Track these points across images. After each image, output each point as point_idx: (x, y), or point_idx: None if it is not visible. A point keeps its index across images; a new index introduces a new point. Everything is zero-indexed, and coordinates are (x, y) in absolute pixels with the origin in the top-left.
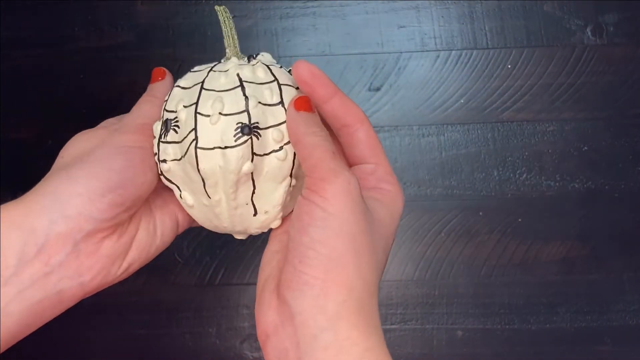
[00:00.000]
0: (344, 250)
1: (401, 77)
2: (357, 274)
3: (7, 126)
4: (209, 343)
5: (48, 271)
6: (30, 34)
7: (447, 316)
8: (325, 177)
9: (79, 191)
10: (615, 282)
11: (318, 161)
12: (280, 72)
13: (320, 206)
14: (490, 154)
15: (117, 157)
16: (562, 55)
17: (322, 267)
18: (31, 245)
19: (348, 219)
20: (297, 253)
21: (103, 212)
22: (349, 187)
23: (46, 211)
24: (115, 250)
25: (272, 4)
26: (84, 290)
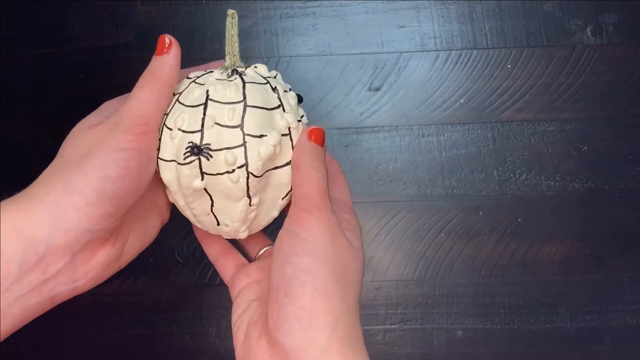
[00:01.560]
0: (326, 277)
1: (401, 77)
2: (341, 301)
3: (7, 126)
4: (209, 343)
5: (45, 278)
6: (30, 34)
7: (447, 316)
8: (308, 209)
9: (77, 204)
10: (615, 282)
11: (307, 193)
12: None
13: (301, 236)
14: (490, 154)
15: (113, 165)
16: (562, 55)
17: (307, 296)
18: (31, 255)
19: (327, 248)
20: (281, 286)
21: (99, 224)
22: (330, 222)
23: (46, 222)
24: (109, 256)
25: (272, 4)
26: (75, 292)
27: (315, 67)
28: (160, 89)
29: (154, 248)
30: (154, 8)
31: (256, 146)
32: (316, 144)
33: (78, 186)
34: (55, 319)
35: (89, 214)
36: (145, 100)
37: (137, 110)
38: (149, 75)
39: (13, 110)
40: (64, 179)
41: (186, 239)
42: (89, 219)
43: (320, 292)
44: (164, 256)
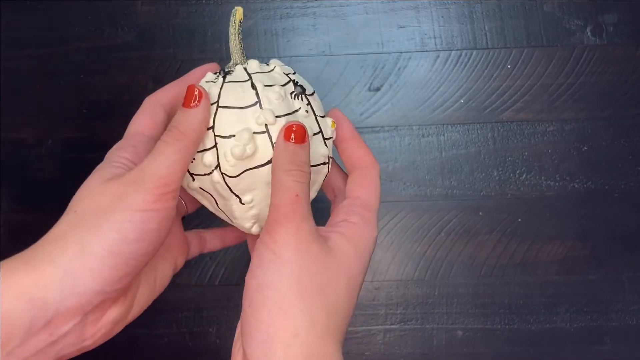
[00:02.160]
0: (287, 292)
1: (401, 77)
2: (303, 316)
3: (7, 126)
4: (209, 343)
5: (52, 341)
6: (30, 34)
7: (447, 316)
8: (278, 219)
9: (92, 267)
10: (615, 282)
11: (278, 203)
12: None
13: (269, 248)
14: (490, 154)
15: (131, 227)
16: (562, 55)
17: (266, 310)
18: (40, 319)
19: (293, 262)
20: (247, 297)
21: (113, 285)
22: (298, 230)
23: (58, 286)
24: (119, 314)
25: (272, 4)
26: (82, 351)
27: (315, 67)
28: (187, 147)
29: None
30: (154, 8)
31: (226, 147)
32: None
33: (94, 248)
34: None
35: (104, 276)
36: (170, 160)
37: (160, 171)
38: (176, 131)
39: (13, 110)
40: (79, 238)
41: None
42: (103, 281)
43: (278, 307)
44: None
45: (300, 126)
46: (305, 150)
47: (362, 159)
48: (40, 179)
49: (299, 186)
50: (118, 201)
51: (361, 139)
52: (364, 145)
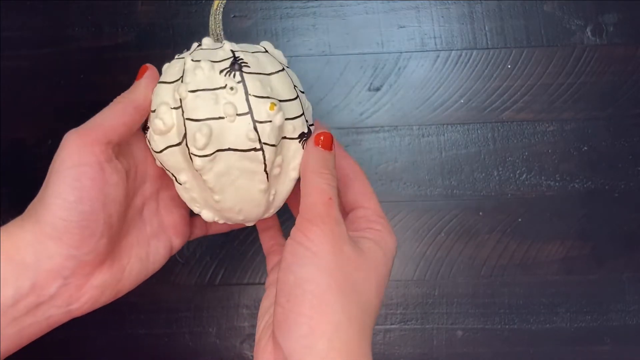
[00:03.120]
0: (327, 287)
1: (401, 77)
2: (342, 311)
3: (7, 126)
4: (209, 343)
5: (40, 302)
6: (30, 34)
7: (447, 316)
8: (312, 219)
9: (49, 233)
10: (615, 282)
11: (312, 203)
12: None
13: (304, 245)
14: (490, 154)
15: (67, 188)
16: (562, 55)
17: (307, 304)
18: (24, 279)
19: (330, 258)
20: (284, 293)
21: (79, 248)
22: (333, 231)
23: (31, 249)
24: (105, 281)
25: (272, 4)
26: (71, 315)
27: (315, 67)
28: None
29: None
30: (154, 8)
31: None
32: (324, 149)
33: (44, 216)
34: None
35: (64, 240)
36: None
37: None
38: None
39: (13, 110)
40: (34, 209)
41: None
42: (66, 244)
43: (320, 301)
44: None
45: (328, 134)
46: (333, 157)
47: (352, 169)
48: (40, 179)
49: (332, 190)
50: (54, 167)
51: (342, 147)
52: (346, 154)
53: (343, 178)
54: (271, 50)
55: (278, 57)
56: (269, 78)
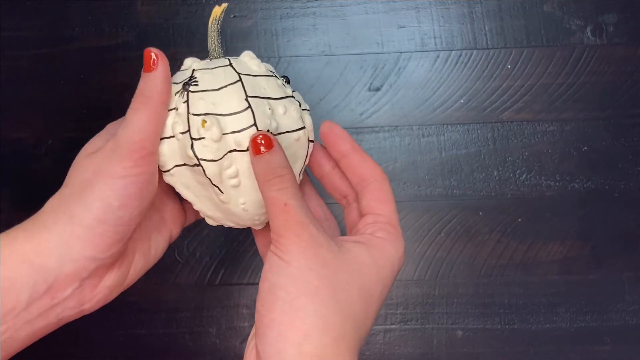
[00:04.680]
0: (297, 293)
1: (401, 77)
2: (316, 316)
3: (7, 126)
4: (209, 343)
5: (54, 304)
6: (30, 34)
7: (447, 316)
8: (278, 231)
9: (82, 235)
10: (615, 282)
11: (272, 215)
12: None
13: (277, 255)
14: (490, 154)
15: (113, 194)
16: (562, 55)
17: (278, 309)
18: (41, 283)
19: (301, 264)
20: (260, 299)
21: (105, 251)
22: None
23: (55, 252)
24: (116, 280)
25: (272, 4)
26: (82, 314)
27: (315, 67)
28: (154, 109)
29: None
30: (154, 8)
31: None
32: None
33: (81, 217)
34: None
35: (94, 243)
36: (140, 123)
37: (132, 136)
38: (141, 96)
39: (13, 110)
40: (68, 210)
41: (186, 239)
42: (94, 247)
43: (289, 306)
44: (164, 256)
45: (264, 135)
46: (276, 155)
47: (372, 172)
48: (40, 179)
49: (284, 193)
50: (99, 171)
51: (363, 151)
52: (368, 157)
53: (361, 182)
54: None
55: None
56: (216, 93)
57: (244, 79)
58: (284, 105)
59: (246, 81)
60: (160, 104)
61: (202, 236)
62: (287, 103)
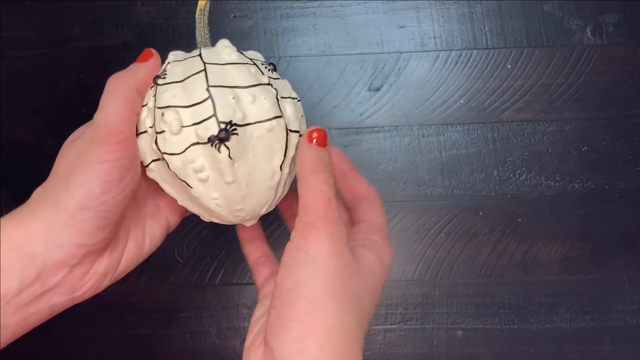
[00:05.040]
0: (322, 292)
1: (401, 77)
2: (337, 316)
3: (7, 126)
4: (209, 343)
5: (44, 290)
6: (30, 34)
7: (447, 316)
8: (312, 222)
9: (67, 222)
10: (615, 282)
11: (311, 205)
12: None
13: (303, 249)
14: (490, 154)
15: (95, 180)
16: (562, 55)
17: (301, 308)
18: (30, 270)
19: (328, 263)
20: (280, 296)
21: (92, 237)
22: (332, 235)
23: (42, 239)
24: (106, 267)
25: (272, 4)
26: (74, 302)
27: (315, 67)
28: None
29: None
30: (154, 8)
31: None
32: (318, 146)
33: (65, 204)
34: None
35: (80, 230)
36: (115, 106)
37: (108, 119)
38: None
39: (13, 110)
40: (53, 197)
41: (186, 239)
42: (81, 234)
43: (314, 306)
44: (164, 256)
45: (322, 130)
46: (328, 154)
47: (367, 192)
48: (40, 179)
49: (330, 189)
50: (80, 158)
51: (357, 171)
52: (362, 178)
53: (357, 198)
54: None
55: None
56: (179, 85)
57: (209, 68)
58: (252, 94)
59: (210, 70)
60: (133, 90)
61: (202, 236)
62: (258, 91)
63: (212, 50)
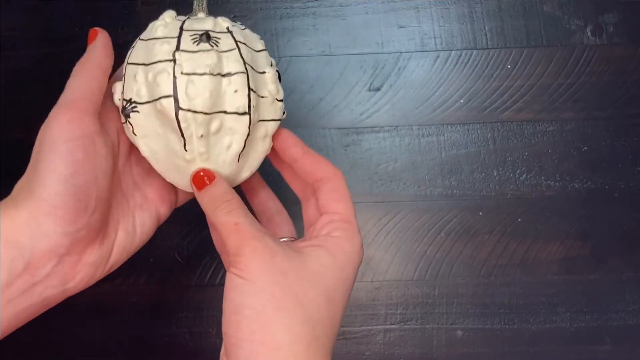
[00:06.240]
0: (262, 308)
1: (401, 77)
2: (284, 330)
3: (7, 126)
4: (209, 343)
5: (35, 282)
6: (30, 34)
7: (447, 316)
8: (235, 252)
9: (45, 210)
10: (615, 282)
11: (226, 239)
12: None
13: (237, 275)
14: (490, 154)
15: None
16: (562, 55)
17: (246, 328)
18: (19, 260)
19: (262, 279)
20: (225, 321)
21: (74, 223)
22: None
23: (26, 228)
24: (97, 257)
25: (272, 4)
26: (67, 294)
27: (315, 67)
28: (91, 72)
29: (154, 248)
30: (154, 8)
31: None
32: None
33: (39, 192)
34: (55, 318)
35: (59, 216)
36: (76, 84)
37: (68, 96)
38: (79, 63)
39: (13, 110)
40: (29, 186)
41: (186, 238)
42: (61, 220)
43: (257, 324)
44: (164, 256)
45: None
46: (219, 186)
47: (326, 172)
48: None
49: (233, 215)
50: (44, 141)
51: (314, 152)
52: (319, 157)
53: (315, 183)
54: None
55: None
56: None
57: (137, 44)
58: (151, 73)
59: (135, 47)
60: (96, 67)
61: (202, 236)
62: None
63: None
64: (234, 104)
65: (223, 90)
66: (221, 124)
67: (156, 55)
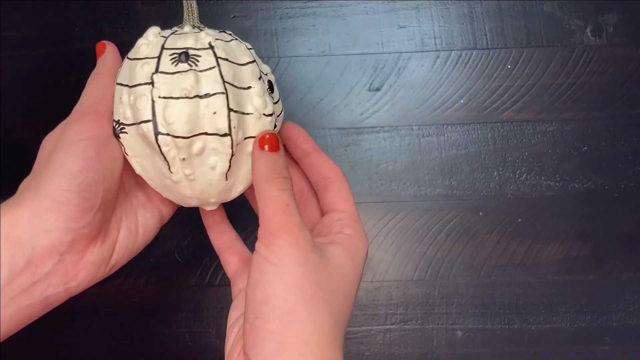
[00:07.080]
0: (295, 302)
1: (401, 77)
2: (313, 324)
3: (7, 126)
4: (209, 343)
5: (36, 280)
6: (30, 34)
7: (447, 316)
8: (274, 231)
9: (49, 206)
10: (615, 282)
11: (270, 214)
12: None
13: (269, 260)
14: (490, 154)
15: (73, 159)
16: (562, 55)
17: (276, 320)
18: (19, 257)
19: (296, 272)
20: (252, 310)
21: (77, 220)
22: (297, 240)
23: (28, 225)
24: (99, 255)
25: (272, 4)
26: (69, 293)
27: (315, 67)
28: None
29: (154, 248)
30: (154, 8)
31: None
32: (270, 151)
33: (45, 188)
34: (55, 318)
35: (63, 213)
36: (90, 90)
37: (84, 102)
38: (93, 74)
39: (13, 110)
40: (34, 184)
41: (186, 239)
42: (65, 217)
43: (289, 316)
44: (164, 256)
45: (272, 134)
46: (282, 158)
47: (333, 172)
48: None
49: (287, 194)
50: (58, 142)
51: (322, 151)
52: (326, 157)
53: (323, 180)
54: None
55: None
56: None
57: (124, 63)
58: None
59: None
60: (109, 76)
61: (202, 236)
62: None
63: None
64: (214, 125)
65: (201, 113)
66: (204, 144)
67: (137, 77)
